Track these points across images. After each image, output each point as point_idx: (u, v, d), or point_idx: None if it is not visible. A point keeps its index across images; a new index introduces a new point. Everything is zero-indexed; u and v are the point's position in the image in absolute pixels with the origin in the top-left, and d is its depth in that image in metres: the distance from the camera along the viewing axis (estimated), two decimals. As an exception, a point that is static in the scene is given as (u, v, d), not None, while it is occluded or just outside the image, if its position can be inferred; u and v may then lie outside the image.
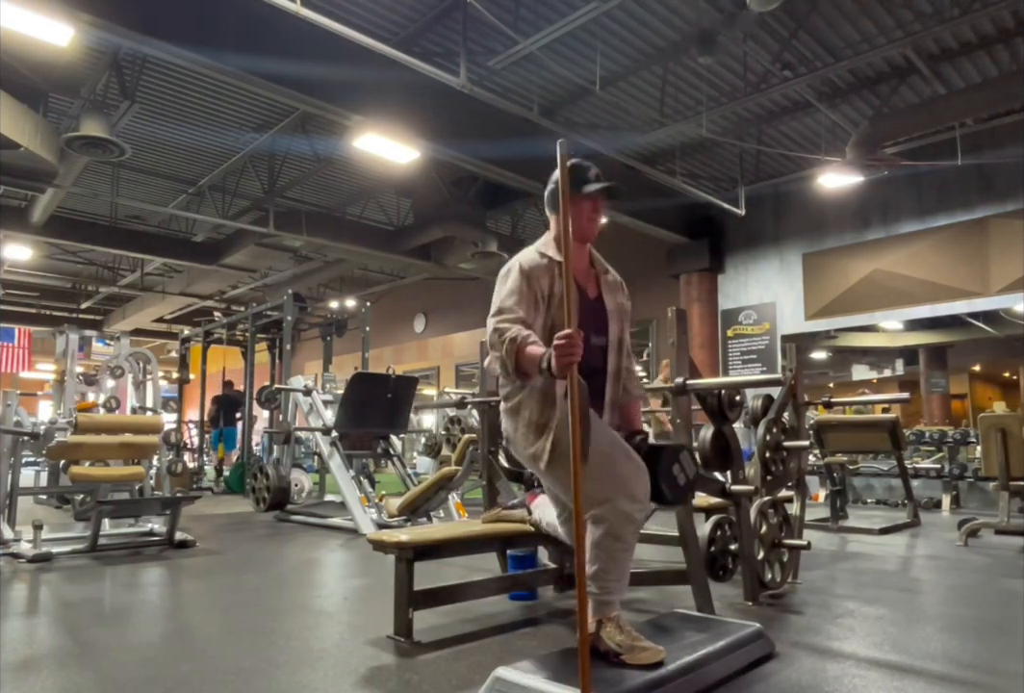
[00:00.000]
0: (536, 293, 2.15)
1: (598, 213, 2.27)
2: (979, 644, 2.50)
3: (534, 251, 2.25)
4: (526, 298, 2.13)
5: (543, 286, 2.16)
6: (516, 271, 2.17)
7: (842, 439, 6.23)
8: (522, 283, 2.14)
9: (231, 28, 5.37)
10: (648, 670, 1.92)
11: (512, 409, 2.20)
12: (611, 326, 2.30)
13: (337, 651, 2.40)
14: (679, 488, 2.22)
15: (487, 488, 3.68)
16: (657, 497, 2.19)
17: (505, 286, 2.17)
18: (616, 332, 2.30)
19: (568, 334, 1.82)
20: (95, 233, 10.72)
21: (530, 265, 2.18)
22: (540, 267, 2.18)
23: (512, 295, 2.13)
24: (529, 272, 2.16)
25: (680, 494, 2.25)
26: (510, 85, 7.10)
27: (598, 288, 2.32)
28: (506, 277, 2.20)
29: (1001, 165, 7.55)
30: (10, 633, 2.64)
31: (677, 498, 2.25)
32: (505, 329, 2.04)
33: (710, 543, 3.05)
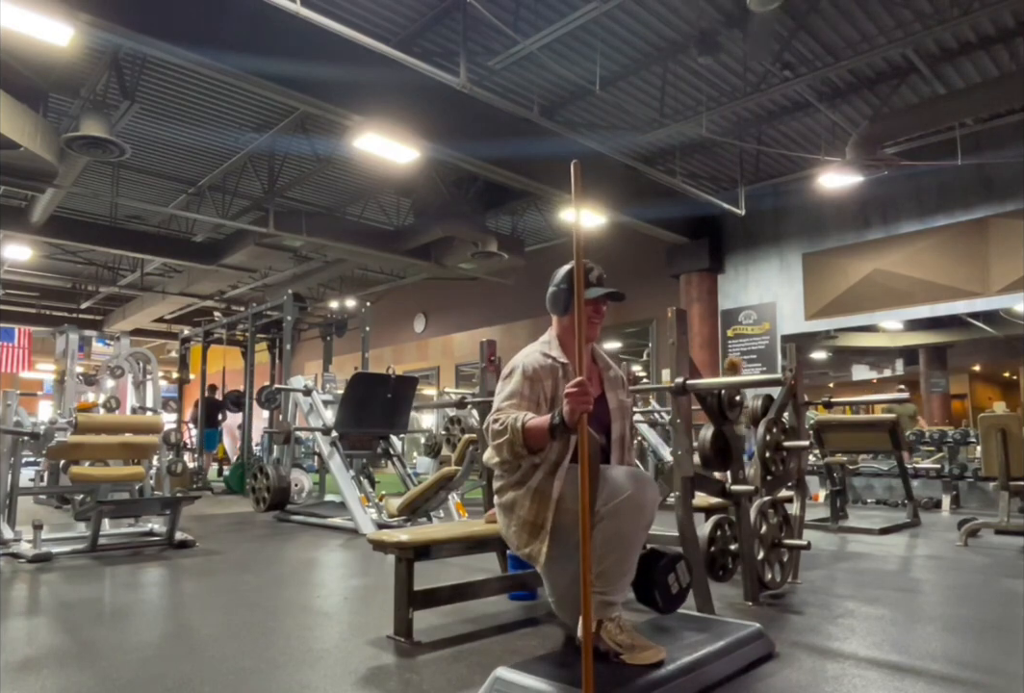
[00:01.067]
0: (539, 395, 2.15)
1: (600, 316, 2.28)
2: (979, 644, 2.50)
3: (538, 352, 2.25)
4: (527, 400, 2.13)
5: (546, 389, 2.16)
6: (519, 374, 2.17)
7: (842, 439, 6.23)
8: (524, 386, 2.14)
9: (231, 28, 5.37)
10: (648, 670, 1.92)
11: (505, 505, 2.19)
12: (613, 424, 2.30)
13: (337, 651, 2.40)
14: (672, 597, 2.25)
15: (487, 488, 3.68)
16: (650, 604, 2.25)
17: (507, 388, 2.17)
18: (618, 430, 2.31)
19: (579, 381, 1.83)
20: (95, 233, 10.72)
21: (534, 367, 2.18)
22: (544, 369, 2.18)
23: (512, 397, 2.13)
24: (532, 375, 2.16)
25: (673, 603, 2.28)
26: (510, 85, 7.09)
27: (601, 386, 2.31)
28: (509, 378, 2.20)
29: (1001, 165, 7.55)
30: (10, 633, 2.64)
31: (669, 607, 2.27)
32: (503, 417, 2.05)
33: (710, 543, 3.05)
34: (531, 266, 10.98)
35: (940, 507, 7.16)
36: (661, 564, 2.23)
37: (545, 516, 2.08)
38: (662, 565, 2.23)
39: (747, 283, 9.65)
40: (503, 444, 2.02)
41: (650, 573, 2.20)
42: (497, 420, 2.06)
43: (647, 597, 2.23)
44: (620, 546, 2.03)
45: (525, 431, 1.98)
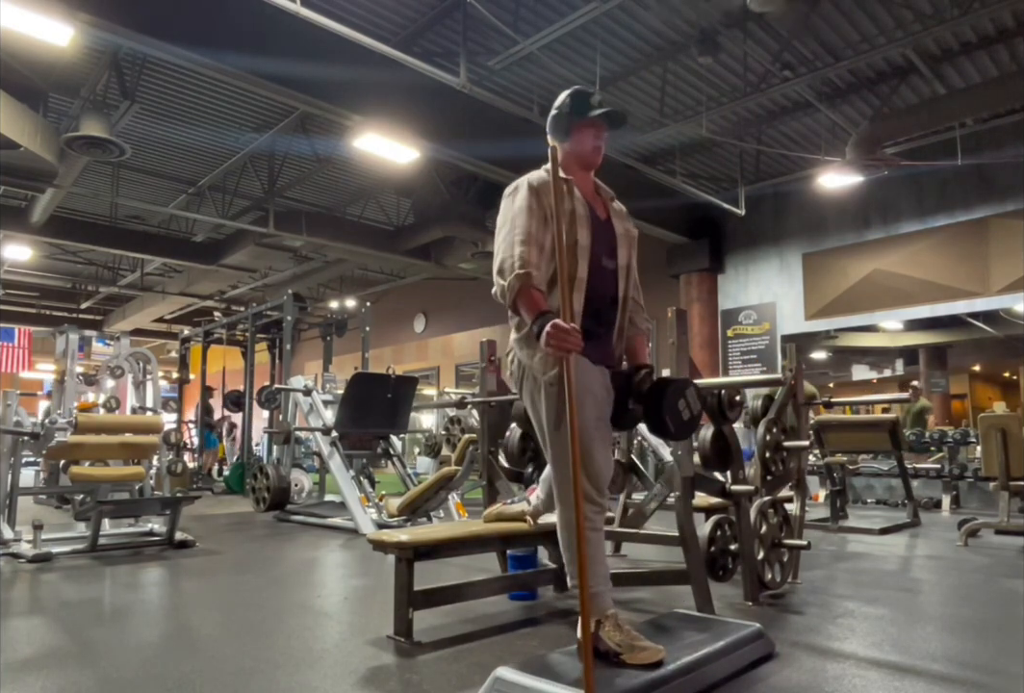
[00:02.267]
0: (546, 210, 2.10)
1: (601, 140, 2.24)
2: (979, 644, 2.50)
3: (542, 170, 2.20)
4: (536, 214, 2.08)
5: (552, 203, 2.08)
6: (525, 188, 2.12)
7: (842, 439, 6.23)
8: (532, 199, 2.09)
9: (231, 28, 5.37)
10: (648, 670, 1.92)
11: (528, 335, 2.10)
12: (620, 250, 2.25)
13: (337, 651, 2.40)
14: (683, 423, 2.18)
15: (487, 488, 3.68)
16: (662, 431, 2.18)
17: (515, 203, 2.12)
18: (625, 256, 2.26)
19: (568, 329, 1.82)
20: (95, 233, 10.72)
21: (539, 182, 2.13)
22: (547, 185, 2.10)
23: (523, 212, 2.08)
24: (538, 188, 2.11)
25: (684, 429, 2.20)
26: (510, 85, 7.10)
27: (607, 212, 2.28)
28: (514, 195, 2.15)
29: (1001, 165, 7.55)
30: (10, 633, 2.64)
31: (681, 432, 2.21)
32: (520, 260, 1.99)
33: (710, 543, 3.05)
34: (531, 266, 10.95)
35: (940, 507, 7.16)
36: (670, 389, 2.16)
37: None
38: (670, 391, 2.16)
39: (747, 283, 9.65)
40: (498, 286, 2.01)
41: (659, 400, 2.14)
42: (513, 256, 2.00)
43: (658, 425, 2.15)
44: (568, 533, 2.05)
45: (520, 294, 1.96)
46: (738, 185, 9.04)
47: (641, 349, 2.35)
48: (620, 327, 2.25)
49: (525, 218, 2.07)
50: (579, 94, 2.21)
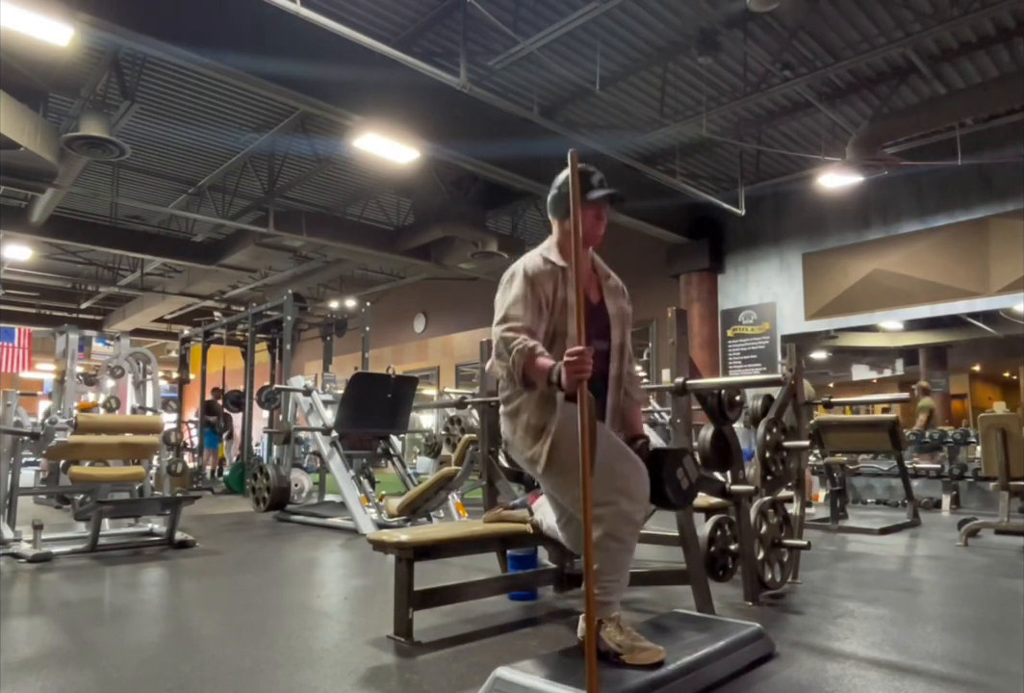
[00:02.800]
0: (540, 299, 2.13)
1: (601, 219, 2.26)
2: (979, 644, 2.50)
3: (538, 256, 2.23)
4: (531, 305, 2.11)
5: (547, 292, 2.15)
6: (520, 277, 2.15)
7: (842, 439, 6.23)
8: (526, 289, 2.12)
9: (231, 28, 5.37)
10: (648, 670, 1.92)
11: (511, 412, 2.19)
12: (613, 331, 2.28)
13: (337, 651, 2.40)
14: (683, 492, 2.22)
15: (487, 488, 3.68)
16: (661, 501, 2.20)
17: (510, 292, 2.15)
18: (618, 337, 2.29)
19: (579, 350, 1.83)
20: (95, 233, 10.72)
21: (534, 270, 2.16)
22: (544, 273, 2.17)
23: (517, 302, 2.11)
24: (533, 278, 2.15)
25: (684, 498, 2.25)
26: (510, 85, 7.09)
27: (600, 293, 2.30)
28: (510, 282, 2.18)
29: (1001, 165, 7.55)
30: (10, 633, 2.64)
31: (681, 502, 2.25)
32: (512, 339, 2.02)
33: (710, 543, 3.05)
34: (531, 266, 10.95)
35: (940, 507, 7.16)
36: (667, 460, 2.19)
37: (548, 418, 2.08)
38: (669, 461, 2.19)
39: (747, 283, 9.65)
40: (505, 367, 2.03)
41: (658, 471, 2.16)
42: (505, 339, 2.03)
43: (658, 495, 2.17)
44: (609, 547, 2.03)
45: (527, 366, 1.98)
46: (738, 185, 9.04)
47: (637, 419, 2.39)
48: (614, 404, 2.28)
49: (520, 309, 2.10)
50: (580, 174, 2.16)
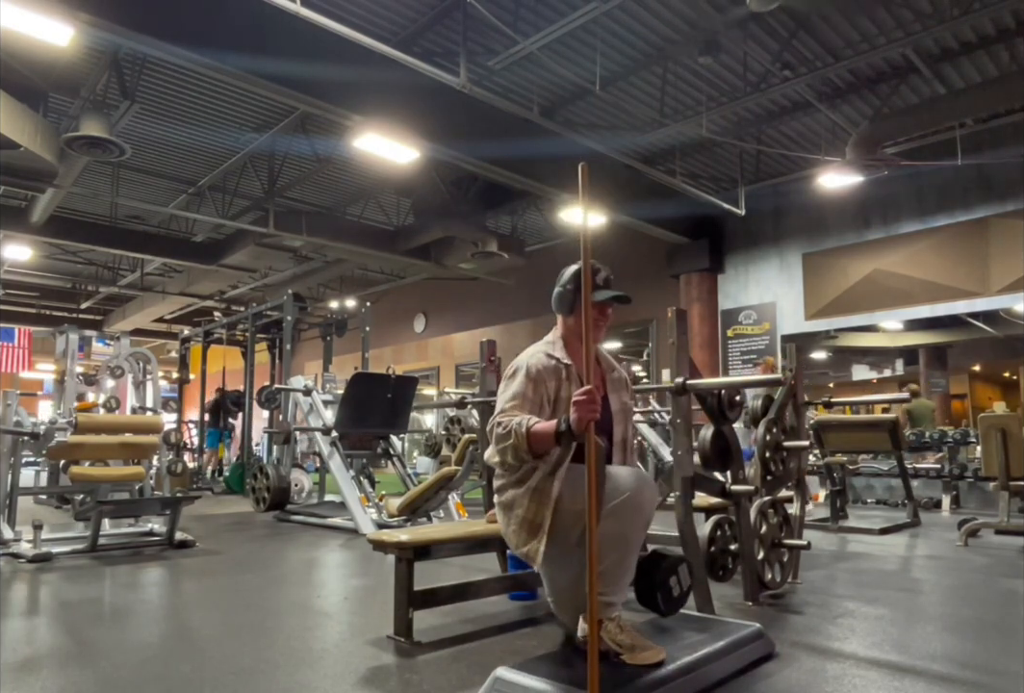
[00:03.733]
0: (542, 396, 2.14)
1: (605, 318, 2.28)
2: (979, 644, 2.50)
3: (541, 353, 2.24)
4: (530, 401, 2.12)
5: (550, 390, 2.16)
6: (523, 374, 2.16)
7: (842, 439, 6.23)
8: (527, 387, 2.13)
9: (231, 28, 5.37)
10: (649, 670, 1.92)
11: (505, 504, 2.18)
12: (615, 427, 2.29)
13: (337, 651, 2.40)
14: (673, 599, 2.26)
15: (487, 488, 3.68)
16: (651, 605, 2.25)
17: (510, 388, 2.16)
18: (620, 433, 2.30)
19: (588, 390, 1.84)
20: (95, 233, 10.71)
21: (537, 368, 2.17)
22: (548, 369, 2.17)
23: (515, 399, 2.12)
24: (536, 376, 2.15)
25: (674, 605, 2.28)
26: (510, 85, 7.09)
27: (604, 389, 2.31)
28: (512, 378, 2.19)
29: (1001, 165, 7.54)
30: (10, 633, 2.64)
31: (671, 609, 2.28)
32: (507, 420, 2.04)
33: (710, 543, 3.05)
34: (531, 266, 10.97)
35: (940, 507, 7.16)
36: (663, 567, 2.24)
37: (543, 515, 2.07)
38: (664, 568, 2.24)
39: (747, 283, 9.65)
40: (507, 448, 2.01)
41: (652, 576, 2.21)
42: (501, 423, 2.05)
43: (648, 599, 2.24)
44: (619, 546, 2.03)
45: (530, 436, 1.97)
46: (738, 185, 9.04)
47: None
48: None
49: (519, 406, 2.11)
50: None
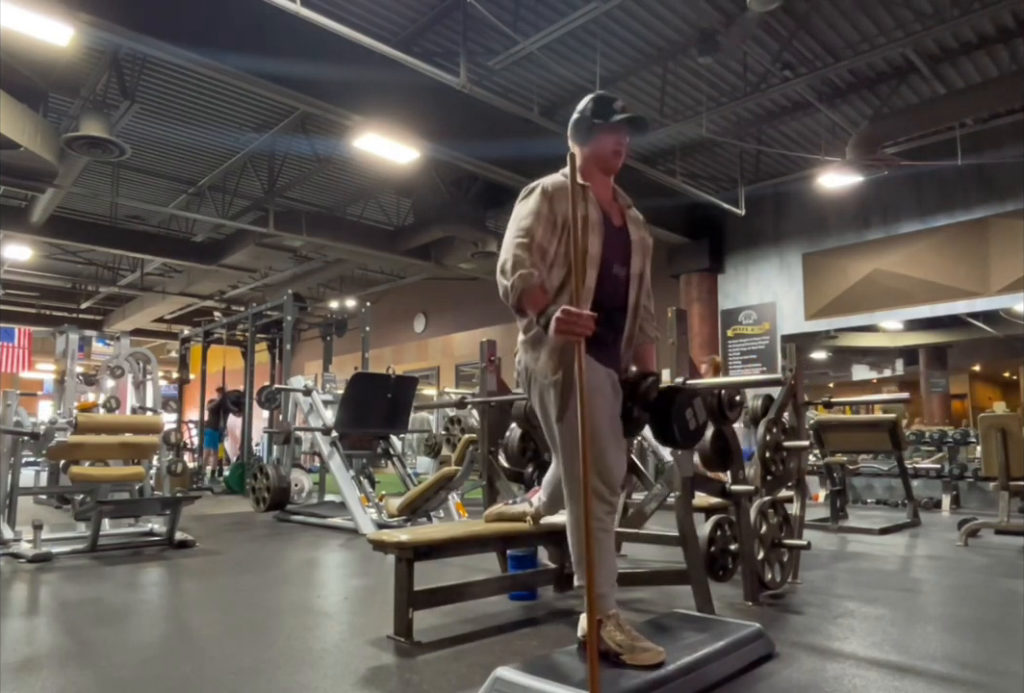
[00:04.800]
0: (556, 216, 2.10)
1: (622, 145, 2.22)
2: (979, 644, 2.50)
3: (560, 174, 2.19)
4: (545, 219, 2.08)
5: (567, 210, 2.07)
6: (539, 192, 2.12)
7: (842, 439, 6.23)
8: (543, 204, 2.09)
9: (231, 28, 5.37)
10: (648, 670, 1.92)
11: (533, 339, 2.13)
12: (634, 257, 2.25)
13: (337, 651, 2.40)
14: (690, 432, 2.21)
15: (487, 488, 3.68)
16: (668, 439, 2.21)
17: (526, 206, 2.12)
18: (639, 265, 2.26)
19: (578, 314, 1.80)
20: (95, 233, 10.72)
21: (553, 187, 2.13)
22: (564, 190, 2.10)
23: (531, 215, 2.08)
24: (552, 194, 2.11)
25: (690, 437, 2.24)
26: (510, 85, 7.09)
27: (623, 219, 2.27)
28: (527, 197, 2.15)
29: (1001, 165, 7.55)
30: (10, 633, 2.63)
31: (687, 441, 2.24)
32: (520, 262, 1.99)
33: (710, 543, 3.05)
34: (531, 266, 10.96)
35: (940, 507, 7.15)
36: (678, 400, 2.18)
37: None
38: (679, 401, 2.18)
39: (747, 283, 9.65)
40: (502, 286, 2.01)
41: (667, 409, 2.16)
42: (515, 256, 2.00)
43: (666, 433, 2.18)
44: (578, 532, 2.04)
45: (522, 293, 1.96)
46: (738, 185, 9.04)
47: (649, 357, 2.36)
48: (629, 335, 2.24)
49: (531, 221, 2.07)
50: (602, 99, 2.20)
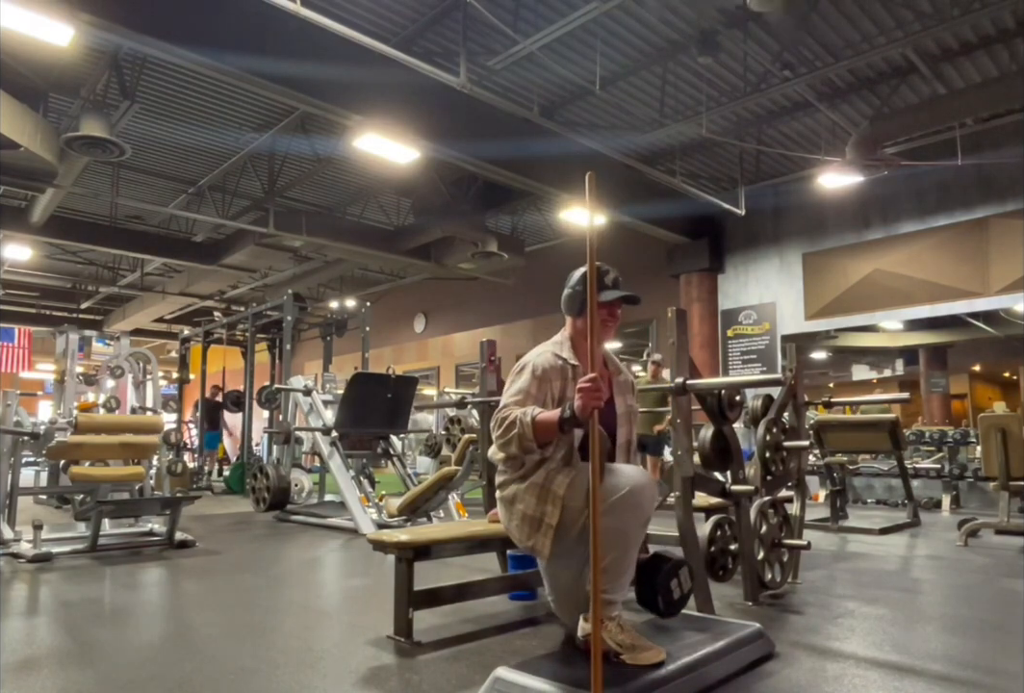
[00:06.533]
0: (546, 395, 2.16)
1: (614, 318, 2.29)
2: (979, 644, 2.50)
3: (549, 353, 2.26)
4: (533, 398, 2.14)
5: (555, 389, 2.18)
6: (528, 373, 2.19)
7: (842, 439, 6.23)
8: (532, 385, 2.16)
9: (231, 28, 5.37)
10: (649, 670, 1.92)
11: (506, 499, 2.21)
12: (619, 429, 2.31)
13: (337, 651, 2.40)
14: (673, 602, 2.27)
15: (487, 488, 3.68)
16: (651, 607, 2.26)
17: (516, 384, 2.19)
18: (624, 435, 2.32)
19: (592, 377, 1.85)
20: (95, 233, 10.72)
21: (544, 367, 2.19)
22: (554, 369, 2.20)
23: (518, 394, 2.15)
24: (542, 375, 2.18)
25: (674, 608, 2.29)
26: (510, 85, 7.09)
27: (610, 390, 2.32)
28: (518, 375, 2.21)
29: (1001, 165, 7.55)
30: (10, 633, 2.64)
31: (670, 611, 2.29)
32: (509, 413, 2.07)
33: (710, 543, 3.05)
34: (531, 266, 10.98)
35: (940, 507, 7.16)
36: (664, 569, 2.24)
37: (544, 510, 2.09)
38: (665, 570, 2.24)
39: (747, 283, 9.65)
40: (512, 439, 2.03)
41: (653, 578, 2.22)
42: (505, 417, 2.07)
43: (649, 601, 2.25)
44: (618, 543, 2.04)
45: (535, 424, 2.00)
46: (738, 185, 9.04)
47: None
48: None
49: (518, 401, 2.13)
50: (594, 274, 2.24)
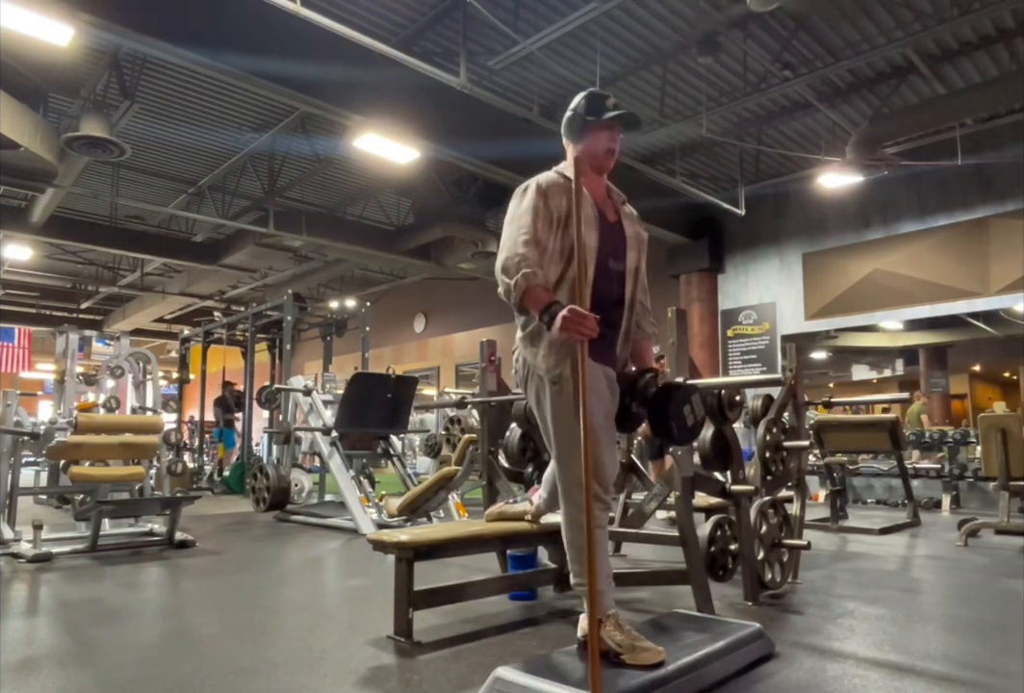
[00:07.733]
0: (552, 212, 2.11)
1: (615, 142, 2.23)
2: (979, 644, 2.50)
3: (552, 171, 2.22)
4: (542, 216, 2.09)
5: (561, 206, 2.12)
6: (533, 189, 2.14)
7: (842, 439, 6.23)
8: (539, 201, 2.11)
9: (231, 28, 5.37)
10: (648, 670, 1.92)
11: (532, 334, 2.14)
12: (629, 253, 2.25)
13: (337, 651, 2.40)
14: (688, 428, 2.22)
15: (487, 488, 3.68)
16: (666, 435, 2.20)
17: (522, 204, 2.13)
18: (634, 260, 2.26)
19: (583, 315, 1.82)
20: (95, 233, 10.72)
21: (548, 184, 2.15)
22: (558, 186, 2.14)
23: (529, 212, 2.09)
24: (547, 190, 2.13)
25: (688, 434, 2.24)
26: (510, 85, 7.09)
27: (617, 214, 2.28)
28: (523, 194, 2.16)
29: (1001, 165, 7.55)
30: (10, 633, 2.63)
31: (684, 437, 2.25)
32: (524, 260, 2.00)
33: (710, 543, 3.05)
34: (531, 266, 10.95)
35: (940, 507, 7.15)
36: (676, 397, 2.18)
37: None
38: (677, 398, 2.18)
39: (747, 283, 9.65)
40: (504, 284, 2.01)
41: (666, 404, 2.16)
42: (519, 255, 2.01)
43: (663, 428, 2.18)
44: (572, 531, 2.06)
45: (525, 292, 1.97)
46: (738, 185, 9.04)
47: (647, 352, 2.36)
48: (626, 330, 2.24)
49: (530, 218, 2.08)
50: (594, 96, 2.22)
